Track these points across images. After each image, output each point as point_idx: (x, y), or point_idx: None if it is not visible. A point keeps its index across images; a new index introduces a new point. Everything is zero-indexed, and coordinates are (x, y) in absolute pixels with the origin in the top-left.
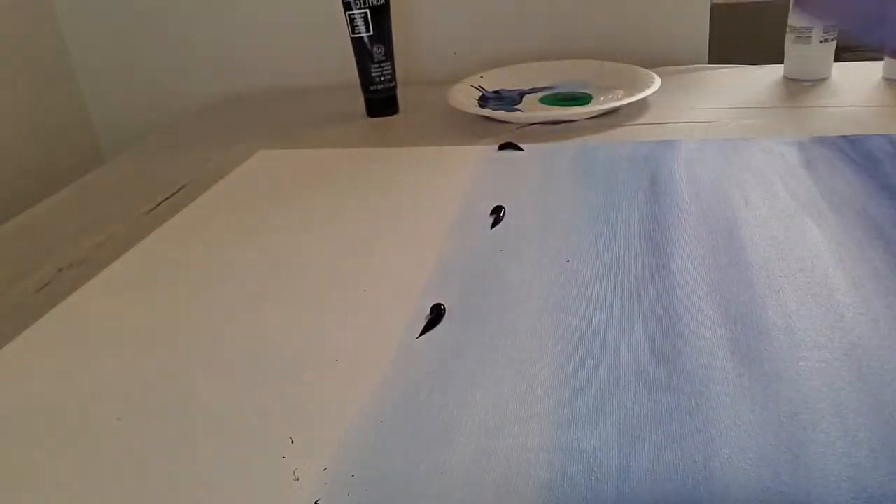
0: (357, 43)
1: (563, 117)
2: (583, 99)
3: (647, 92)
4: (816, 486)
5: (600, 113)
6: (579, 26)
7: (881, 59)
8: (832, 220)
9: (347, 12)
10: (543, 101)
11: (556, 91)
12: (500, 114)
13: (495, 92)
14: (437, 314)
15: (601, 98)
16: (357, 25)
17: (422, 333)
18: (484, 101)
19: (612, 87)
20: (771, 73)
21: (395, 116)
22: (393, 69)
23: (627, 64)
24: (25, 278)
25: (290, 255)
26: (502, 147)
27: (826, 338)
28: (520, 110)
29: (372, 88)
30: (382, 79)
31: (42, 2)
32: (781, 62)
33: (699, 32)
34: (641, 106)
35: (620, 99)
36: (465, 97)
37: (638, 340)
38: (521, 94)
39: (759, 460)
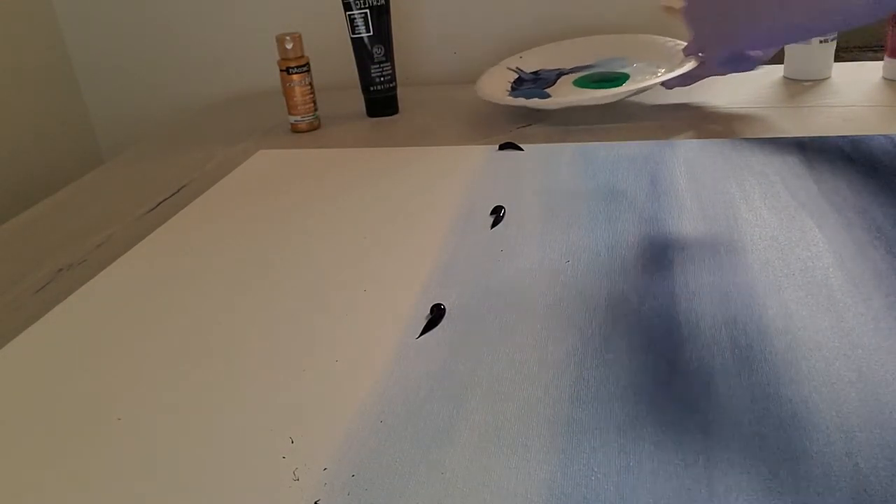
0: (357, 43)
1: (585, 102)
2: (618, 80)
3: (682, 69)
4: (816, 486)
5: (627, 95)
6: (579, 24)
7: (881, 59)
8: (832, 220)
9: (347, 12)
10: (577, 83)
11: (593, 71)
12: (534, 101)
13: (534, 73)
14: (437, 314)
15: (638, 78)
16: (357, 25)
17: (422, 333)
18: (519, 82)
19: (656, 61)
20: (771, 73)
21: (395, 116)
22: (393, 69)
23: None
24: (25, 278)
25: (289, 255)
26: (502, 147)
27: (826, 338)
28: (548, 95)
29: (372, 88)
30: (382, 79)
31: (42, 2)
32: (781, 62)
33: None
34: (641, 106)
35: (655, 77)
36: (495, 85)
37: (638, 340)
38: (560, 73)
39: (759, 460)
